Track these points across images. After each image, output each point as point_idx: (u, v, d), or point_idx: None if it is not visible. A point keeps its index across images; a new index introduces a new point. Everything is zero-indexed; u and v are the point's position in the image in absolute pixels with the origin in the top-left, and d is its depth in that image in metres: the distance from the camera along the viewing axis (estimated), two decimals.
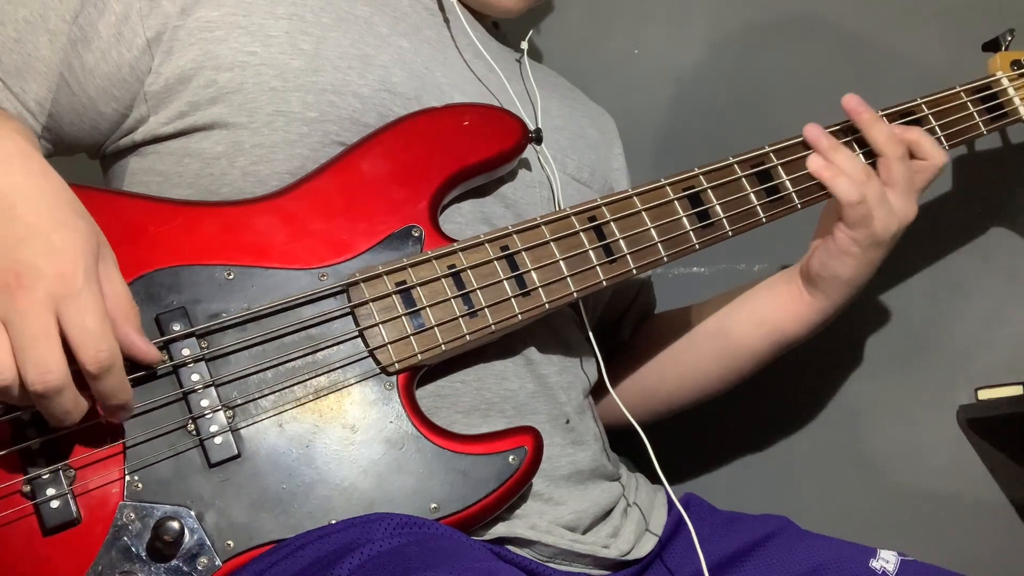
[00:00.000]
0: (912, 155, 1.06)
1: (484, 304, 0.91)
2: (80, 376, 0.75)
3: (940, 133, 1.11)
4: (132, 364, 0.80)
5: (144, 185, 0.95)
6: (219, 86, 0.91)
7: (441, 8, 1.07)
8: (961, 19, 1.35)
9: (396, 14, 1.02)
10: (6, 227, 0.74)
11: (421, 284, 0.90)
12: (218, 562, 0.81)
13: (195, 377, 0.84)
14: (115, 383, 0.76)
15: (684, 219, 0.99)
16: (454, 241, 0.92)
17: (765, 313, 1.12)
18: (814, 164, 1.03)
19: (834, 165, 1.03)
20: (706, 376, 1.17)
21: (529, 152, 1.04)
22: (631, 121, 1.36)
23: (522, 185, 1.02)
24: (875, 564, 1.01)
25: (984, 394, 1.39)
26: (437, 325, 0.90)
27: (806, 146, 1.05)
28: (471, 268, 0.91)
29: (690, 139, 1.42)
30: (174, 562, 0.80)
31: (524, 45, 1.14)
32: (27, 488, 0.79)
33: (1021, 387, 1.36)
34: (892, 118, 1.09)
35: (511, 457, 0.89)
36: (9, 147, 0.77)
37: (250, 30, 0.93)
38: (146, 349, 0.80)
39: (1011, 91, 1.18)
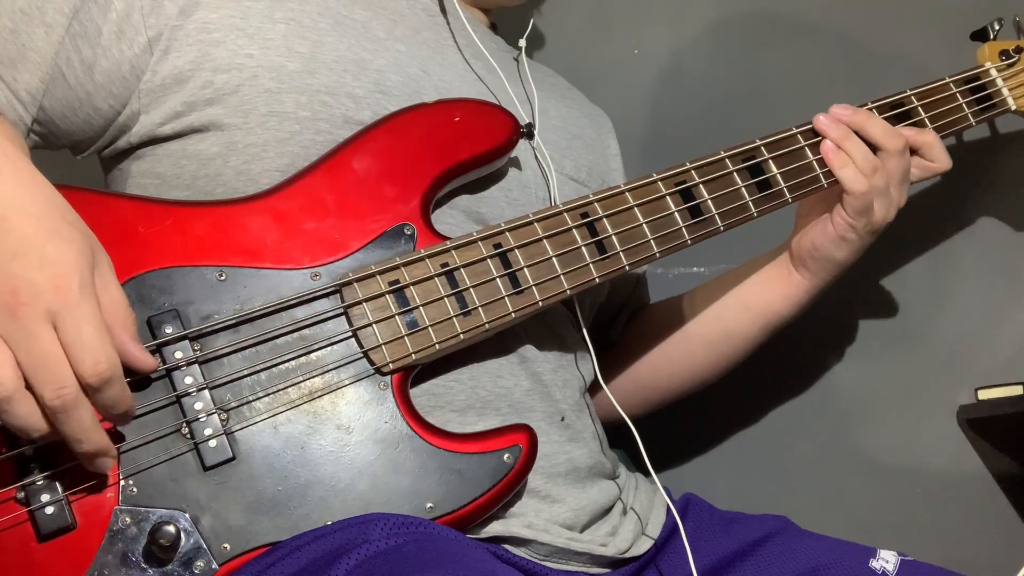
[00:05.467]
0: (920, 154, 1.09)
1: (478, 303, 0.91)
2: None
3: (930, 125, 1.11)
4: (127, 368, 0.79)
5: (143, 188, 0.95)
6: (216, 87, 0.91)
7: (440, 9, 1.07)
8: (959, 16, 1.35)
9: (394, 17, 1.03)
10: None
11: (414, 283, 0.90)
12: (215, 565, 0.81)
13: (188, 380, 0.84)
14: (115, 394, 0.75)
15: (676, 215, 0.99)
16: (447, 239, 0.92)
17: (755, 295, 1.14)
18: (826, 146, 1.05)
19: (843, 153, 1.04)
20: (696, 362, 1.18)
21: (526, 152, 1.04)
22: (631, 121, 1.36)
23: (518, 185, 1.02)
24: (875, 564, 1.01)
25: (984, 394, 1.38)
26: (431, 324, 0.89)
27: (797, 139, 1.05)
28: (464, 267, 0.91)
29: (690, 139, 1.42)
30: (170, 566, 0.80)
31: (522, 43, 1.14)
32: (21, 495, 0.79)
33: (1021, 387, 1.36)
34: (882, 110, 1.09)
35: (506, 455, 0.88)
36: None
37: (248, 33, 0.93)
38: (142, 358, 0.78)
39: (999, 81, 1.18)
